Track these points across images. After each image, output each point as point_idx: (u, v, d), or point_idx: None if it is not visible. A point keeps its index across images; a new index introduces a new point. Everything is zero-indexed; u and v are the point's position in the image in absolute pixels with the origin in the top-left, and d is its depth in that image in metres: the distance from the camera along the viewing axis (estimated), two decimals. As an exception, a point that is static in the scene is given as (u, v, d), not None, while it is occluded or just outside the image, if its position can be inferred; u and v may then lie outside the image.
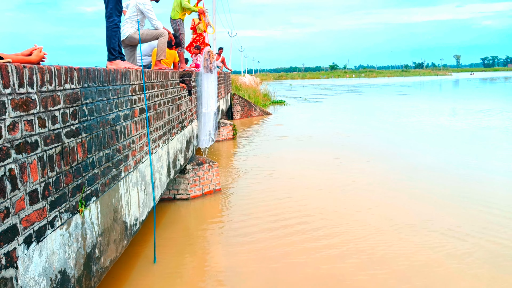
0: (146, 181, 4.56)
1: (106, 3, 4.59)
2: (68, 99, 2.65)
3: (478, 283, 4.51)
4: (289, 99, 32.74)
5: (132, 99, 4.04)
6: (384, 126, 16.60)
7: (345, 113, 22.34)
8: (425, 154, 10.99)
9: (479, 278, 4.59)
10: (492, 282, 4.51)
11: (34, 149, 2.24)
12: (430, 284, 4.49)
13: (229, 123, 14.88)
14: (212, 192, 7.86)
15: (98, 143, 3.16)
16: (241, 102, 21.42)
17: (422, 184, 8.18)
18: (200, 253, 5.40)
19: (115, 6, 4.50)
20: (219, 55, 16.66)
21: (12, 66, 2.04)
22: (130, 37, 6.01)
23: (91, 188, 3.02)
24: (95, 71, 3.11)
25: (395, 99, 32.85)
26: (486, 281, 4.53)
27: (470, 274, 4.69)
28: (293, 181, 8.58)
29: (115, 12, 4.53)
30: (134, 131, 4.10)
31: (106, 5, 4.59)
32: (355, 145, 12.54)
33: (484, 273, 4.69)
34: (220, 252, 5.42)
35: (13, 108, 2.04)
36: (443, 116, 19.82)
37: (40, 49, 2.49)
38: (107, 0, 4.56)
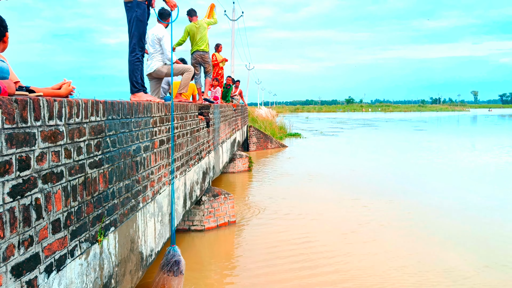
0: (163, 212, 4.59)
1: (130, 38, 4.77)
2: (93, 131, 2.74)
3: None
4: (305, 132, 32.83)
5: (153, 131, 4.14)
6: (402, 163, 16.46)
7: (361, 148, 22.25)
8: (444, 194, 10.84)
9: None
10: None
11: (59, 179, 2.31)
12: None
13: (245, 155, 14.95)
14: (227, 224, 7.85)
15: (119, 174, 3.23)
16: (257, 134, 21.56)
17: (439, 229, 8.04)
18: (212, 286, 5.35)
19: (138, 41, 4.67)
20: (236, 87, 16.93)
21: (43, 99, 2.14)
22: (158, 71, 6.20)
23: (110, 218, 3.07)
24: (119, 104, 3.22)
25: (412, 134, 32.66)
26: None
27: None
28: (308, 218, 8.49)
29: (138, 47, 4.70)
30: (153, 162, 4.18)
31: (130, 40, 4.77)
32: (371, 184, 12.44)
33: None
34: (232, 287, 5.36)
35: (42, 139, 2.12)
36: (462, 152, 19.58)
37: (69, 83, 2.61)
38: (131, 35, 4.74)
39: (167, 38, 5.97)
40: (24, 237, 1.99)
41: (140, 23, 4.62)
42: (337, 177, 12.96)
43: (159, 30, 5.91)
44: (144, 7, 4.66)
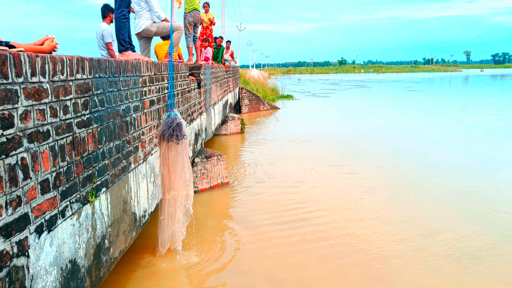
0: (155, 173, 4.56)
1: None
2: (80, 89, 2.65)
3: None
4: (297, 94, 32.66)
5: (142, 90, 4.04)
6: (393, 124, 16.50)
7: (353, 109, 22.21)
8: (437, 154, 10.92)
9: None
10: None
11: (45, 138, 2.24)
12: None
13: (237, 117, 14.86)
14: (220, 185, 7.86)
15: (109, 134, 3.16)
16: (249, 96, 21.39)
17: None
18: (206, 247, 5.39)
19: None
20: (228, 48, 16.62)
21: (24, 55, 2.04)
22: (147, 30, 6.00)
23: (101, 179, 3.02)
24: (106, 62, 3.10)
25: (404, 95, 32.61)
26: None
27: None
28: (300, 177, 8.54)
29: (124, 3, 4.50)
30: (144, 122, 4.10)
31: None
32: (361, 147, 12.48)
33: None
34: (226, 246, 5.42)
35: (25, 97, 2.03)
36: (452, 112, 19.64)
37: (52, 39, 2.49)
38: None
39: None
40: (12, 197, 1.94)
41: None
42: (327, 140, 12.95)
43: None
44: None
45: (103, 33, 6.63)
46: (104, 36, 6.62)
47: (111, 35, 6.68)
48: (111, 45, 6.66)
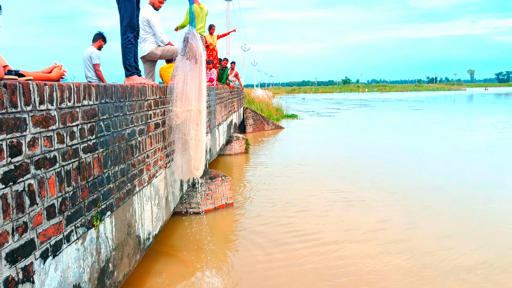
0: (159, 195, 4.58)
1: (120, 21, 4.65)
2: (86, 115, 2.70)
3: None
4: (302, 113, 32.77)
5: (147, 114, 4.10)
6: (399, 143, 16.49)
7: (358, 128, 22.24)
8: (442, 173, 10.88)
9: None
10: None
11: (52, 164, 2.28)
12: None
13: (242, 137, 14.92)
14: (224, 206, 7.86)
15: (114, 158, 3.20)
16: (254, 116, 21.50)
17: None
18: (210, 269, 5.38)
19: (129, 23, 4.56)
20: (232, 69, 16.80)
21: (33, 83, 2.10)
22: (151, 53, 6.10)
23: (106, 202, 3.05)
24: (112, 87, 3.17)
25: (409, 114, 32.64)
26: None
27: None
28: (305, 199, 8.49)
29: (129, 29, 4.59)
30: (149, 145, 4.14)
31: (120, 23, 4.65)
32: (367, 169, 12.47)
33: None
34: (229, 268, 5.40)
35: (33, 124, 2.08)
36: (458, 130, 19.61)
37: (60, 67, 2.56)
38: (122, 18, 4.62)
39: (156, 20, 5.88)
40: (18, 223, 1.97)
41: (128, 3, 4.49)
42: (332, 161, 12.94)
43: (147, 11, 5.80)
44: None
45: (91, 55, 6.92)
46: (92, 58, 6.90)
47: (98, 57, 6.96)
48: (98, 66, 6.94)
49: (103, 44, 7.19)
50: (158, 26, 5.90)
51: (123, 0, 4.47)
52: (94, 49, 7.04)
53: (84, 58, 7.01)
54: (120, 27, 4.61)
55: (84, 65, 7.01)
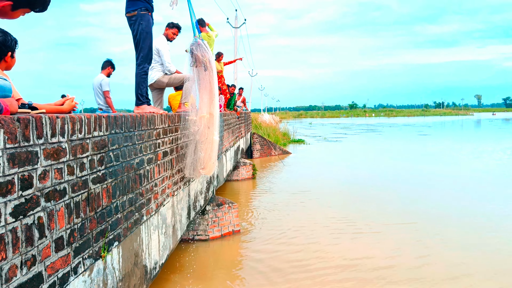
0: (167, 224, 4.57)
1: (137, 50, 4.70)
2: (96, 146, 2.73)
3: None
4: (309, 138, 32.79)
5: (156, 142, 4.13)
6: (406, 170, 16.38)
7: (365, 154, 22.17)
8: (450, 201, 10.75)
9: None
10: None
11: (62, 196, 2.29)
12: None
13: (249, 163, 14.93)
14: (231, 233, 7.81)
15: (122, 188, 3.21)
16: (261, 141, 21.55)
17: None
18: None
19: (147, 54, 4.63)
20: (240, 95, 16.96)
21: (46, 117, 2.13)
22: (158, 81, 6.19)
23: (114, 233, 3.05)
24: (122, 118, 3.20)
25: (417, 139, 32.53)
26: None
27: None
28: (313, 227, 8.41)
29: (147, 59, 4.66)
30: (157, 174, 4.16)
31: (137, 52, 4.69)
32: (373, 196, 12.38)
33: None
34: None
35: (45, 157, 2.11)
36: (467, 157, 19.47)
37: (72, 99, 2.60)
38: (140, 48, 4.66)
39: (165, 51, 6.01)
40: (27, 257, 1.97)
41: (147, 35, 4.57)
42: (340, 188, 12.86)
43: (159, 42, 5.93)
44: (148, 18, 4.61)
45: (101, 82, 7.05)
46: (102, 85, 7.03)
47: (108, 84, 7.10)
48: (108, 93, 7.06)
49: (112, 71, 7.34)
50: (167, 56, 6.02)
51: (142, 32, 4.54)
52: (103, 76, 7.17)
53: (94, 85, 7.13)
54: (137, 57, 4.66)
55: (95, 93, 7.12)
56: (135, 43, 4.63)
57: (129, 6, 4.55)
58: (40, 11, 1.85)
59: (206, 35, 8.61)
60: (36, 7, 1.81)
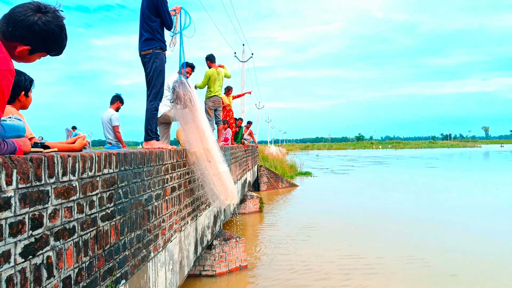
0: (174, 260, 4.52)
1: (149, 87, 4.78)
2: (106, 183, 2.75)
3: None
4: (316, 170, 32.66)
5: (164, 178, 4.14)
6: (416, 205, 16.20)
7: (373, 187, 22.00)
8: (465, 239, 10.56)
9: None
10: None
11: (71, 235, 2.29)
12: None
13: (256, 196, 14.86)
14: (239, 269, 7.69)
15: (131, 225, 3.21)
16: (268, 174, 21.50)
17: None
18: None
19: (159, 91, 4.71)
20: (247, 128, 17.08)
21: (57, 156, 2.16)
22: (165, 115, 6.28)
23: (121, 270, 3.02)
24: (132, 154, 3.23)
25: (425, 172, 32.28)
26: None
27: None
28: (323, 265, 8.17)
29: (158, 96, 4.74)
30: (165, 210, 4.15)
31: (149, 89, 4.77)
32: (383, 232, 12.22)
33: None
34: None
35: (55, 196, 2.12)
36: (478, 190, 19.24)
37: (83, 137, 2.64)
38: (152, 85, 4.74)
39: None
40: (35, 297, 1.95)
41: (160, 72, 4.67)
42: (349, 222, 12.67)
43: (171, 79, 6.07)
44: (162, 57, 4.73)
45: (111, 117, 7.14)
46: (112, 120, 7.12)
47: (117, 119, 7.19)
48: (118, 128, 7.15)
49: (120, 105, 7.44)
50: None
51: (156, 70, 4.64)
52: (113, 111, 7.27)
53: (104, 120, 7.22)
54: (148, 93, 4.74)
55: (104, 127, 7.21)
56: (148, 80, 4.72)
57: (144, 45, 4.68)
58: (56, 55, 1.91)
59: (214, 70, 8.76)
60: (52, 51, 1.86)
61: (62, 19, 1.82)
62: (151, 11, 4.67)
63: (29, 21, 1.72)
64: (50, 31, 1.76)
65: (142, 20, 4.73)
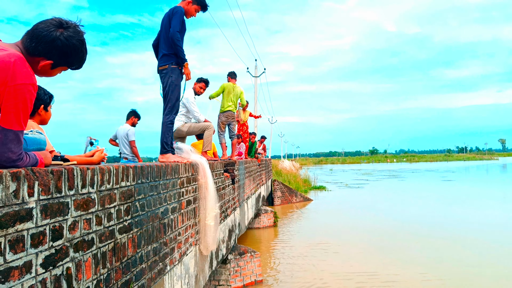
0: (189, 274, 4.52)
1: (165, 101, 4.87)
2: (123, 196, 2.78)
3: None
4: (330, 185, 32.45)
5: (180, 191, 4.16)
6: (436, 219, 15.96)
7: (388, 201, 21.76)
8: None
9: None
10: None
11: (90, 246, 2.31)
12: None
13: (270, 210, 14.80)
14: (254, 283, 7.63)
15: (147, 237, 3.23)
16: (282, 188, 21.43)
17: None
18: None
19: (174, 106, 4.80)
20: (261, 142, 17.13)
21: (77, 168, 2.20)
22: (178, 130, 6.35)
23: (138, 283, 3.03)
24: (148, 168, 3.27)
25: (441, 185, 31.83)
26: None
27: None
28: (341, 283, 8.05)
29: (174, 110, 4.82)
30: (180, 223, 4.16)
31: (165, 103, 4.87)
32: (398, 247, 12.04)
33: None
34: None
35: (75, 208, 2.15)
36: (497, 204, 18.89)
37: (102, 151, 2.68)
38: (167, 99, 4.84)
39: (193, 104, 6.30)
40: (55, 308, 1.97)
41: (176, 87, 4.78)
42: (365, 237, 12.52)
43: (187, 94, 6.21)
44: (178, 72, 4.83)
45: (128, 132, 7.24)
46: (128, 135, 7.22)
47: (134, 134, 7.29)
48: (134, 143, 7.23)
49: (136, 121, 7.54)
50: (195, 107, 6.31)
51: (171, 84, 4.75)
52: (129, 126, 7.36)
53: (120, 135, 7.31)
54: (164, 107, 4.84)
55: (120, 143, 7.30)
56: (164, 94, 4.82)
57: (162, 61, 4.79)
58: (76, 69, 1.96)
59: (231, 84, 8.83)
60: (73, 65, 1.92)
61: (82, 34, 1.88)
62: (168, 28, 4.77)
63: (52, 36, 1.77)
64: (71, 46, 1.82)
65: (162, 37, 4.85)
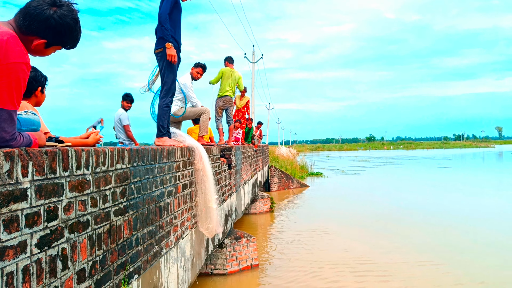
0: (185, 257, 4.54)
1: (162, 84, 4.87)
2: (119, 178, 2.77)
3: None
4: (327, 171, 32.55)
5: (176, 175, 4.16)
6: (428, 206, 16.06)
7: (384, 187, 21.87)
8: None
9: None
10: None
11: (85, 228, 2.32)
12: None
13: (267, 196, 14.86)
14: (250, 268, 7.70)
15: (143, 220, 3.23)
16: (278, 174, 21.49)
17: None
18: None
19: (170, 89, 4.77)
20: (257, 128, 17.10)
21: (71, 150, 2.19)
22: (174, 114, 6.33)
23: (134, 265, 3.05)
24: (144, 151, 3.26)
25: (437, 172, 31.99)
26: None
27: None
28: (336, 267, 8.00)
29: (169, 93, 4.80)
30: (176, 206, 4.18)
31: (162, 86, 4.87)
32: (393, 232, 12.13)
33: None
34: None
35: (70, 189, 2.15)
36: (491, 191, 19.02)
37: (97, 133, 2.67)
38: (163, 83, 4.83)
39: (190, 89, 6.29)
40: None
41: (170, 71, 4.74)
42: (362, 223, 12.50)
43: (184, 79, 6.17)
44: None
45: (120, 117, 7.21)
46: (121, 120, 7.18)
47: (127, 118, 7.25)
48: (128, 127, 7.19)
49: (126, 104, 7.46)
50: (192, 93, 6.28)
51: (167, 68, 4.71)
52: (122, 111, 7.32)
53: (114, 120, 7.28)
54: (161, 90, 4.84)
55: (115, 126, 7.28)
56: (161, 77, 4.80)
57: (158, 44, 4.75)
58: (71, 48, 1.94)
59: (229, 69, 8.77)
60: (67, 44, 1.89)
61: (76, 13, 1.85)
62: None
63: (45, 14, 1.75)
64: (65, 25, 1.79)
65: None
